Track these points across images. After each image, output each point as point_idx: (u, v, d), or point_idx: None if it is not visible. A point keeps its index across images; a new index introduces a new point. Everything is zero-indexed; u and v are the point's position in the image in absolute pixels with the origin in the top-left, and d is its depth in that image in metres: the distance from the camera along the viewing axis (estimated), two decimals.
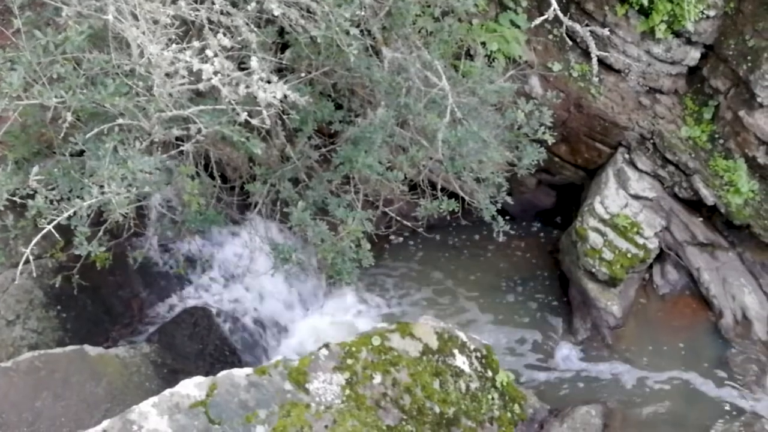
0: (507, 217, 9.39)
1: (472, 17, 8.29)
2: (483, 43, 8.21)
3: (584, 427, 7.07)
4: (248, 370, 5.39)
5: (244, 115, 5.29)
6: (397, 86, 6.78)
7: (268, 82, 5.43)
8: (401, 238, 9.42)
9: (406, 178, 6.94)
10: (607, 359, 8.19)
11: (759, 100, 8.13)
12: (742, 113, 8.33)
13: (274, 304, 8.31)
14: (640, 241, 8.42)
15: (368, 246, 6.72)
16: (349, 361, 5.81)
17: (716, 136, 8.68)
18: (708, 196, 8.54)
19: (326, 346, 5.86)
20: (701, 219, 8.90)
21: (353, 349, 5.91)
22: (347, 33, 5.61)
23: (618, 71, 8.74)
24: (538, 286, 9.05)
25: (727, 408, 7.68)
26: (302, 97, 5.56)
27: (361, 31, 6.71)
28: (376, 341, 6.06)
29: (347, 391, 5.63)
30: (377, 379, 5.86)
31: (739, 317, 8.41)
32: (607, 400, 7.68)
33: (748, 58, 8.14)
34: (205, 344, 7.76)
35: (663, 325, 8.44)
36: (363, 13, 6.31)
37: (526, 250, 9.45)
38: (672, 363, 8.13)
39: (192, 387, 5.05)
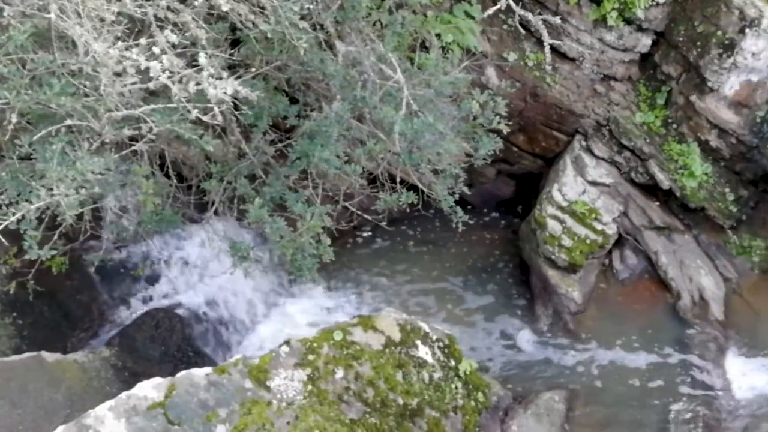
0: (468, 208, 9.50)
1: (427, 9, 8.29)
2: (438, 35, 8.23)
3: (548, 413, 7.16)
4: (208, 369, 5.35)
5: (195, 113, 5.23)
6: (351, 80, 6.76)
7: (219, 78, 5.39)
8: (365, 232, 9.41)
9: (364, 171, 6.93)
10: (570, 344, 8.29)
11: (709, 84, 8.27)
12: (693, 98, 8.48)
13: (237, 302, 8.25)
14: (599, 227, 8.53)
15: (328, 241, 6.70)
16: (311, 357, 5.80)
17: (670, 120, 8.81)
18: (663, 180, 8.69)
19: (287, 342, 5.84)
20: (658, 203, 9.05)
21: (314, 344, 5.90)
22: (297, 27, 5.57)
23: (572, 59, 8.82)
24: (499, 275, 9.12)
25: (687, 387, 7.83)
26: (256, 92, 5.52)
27: (314, 25, 6.70)
28: (337, 336, 6.06)
29: (309, 387, 5.62)
30: (339, 373, 5.86)
31: (696, 298, 8.57)
32: (570, 385, 7.80)
33: (698, 43, 8.27)
34: (168, 346, 7.68)
35: (623, 309, 8.57)
36: (313, 7, 6.28)
37: (487, 240, 9.52)
38: (633, 345, 8.26)
39: (150, 389, 5.00)
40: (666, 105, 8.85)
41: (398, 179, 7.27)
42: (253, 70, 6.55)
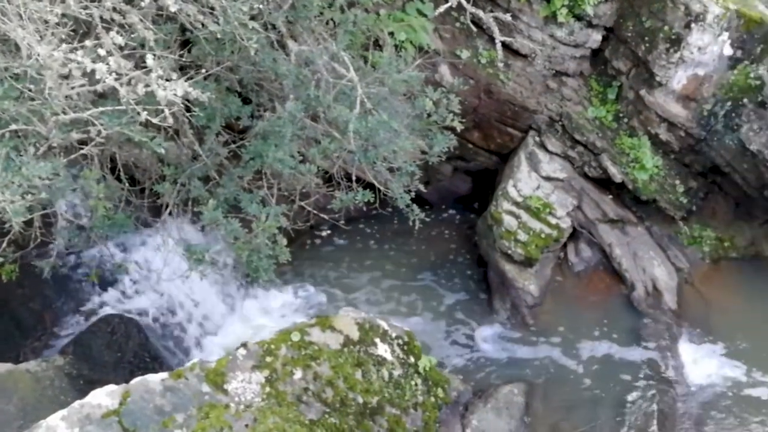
0: (426, 206, 9.56)
1: (379, 7, 8.31)
2: (391, 33, 8.24)
3: (507, 406, 7.23)
4: (163, 374, 5.28)
5: (144, 115, 5.16)
6: (305, 79, 6.73)
7: (169, 79, 5.32)
8: (323, 232, 9.39)
9: (319, 170, 6.91)
10: (528, 337, 8.40)
11: (658, 79, 8.44)
12: (643, 92, 8.65)
13: (194, 305, 8.15)
14: (553, 221, 8.65)
15: (285, 241, 6.67)
16: (268, 359, 5.76)
17: (621, 115, 8.98)
18: (616, 174, 8.85)
19: (244, 345, 5.80)
20: (611, 196, 9.22)
21: (272, 346, 5.86)
22: (246, 27, 5.53)
23: (525, 56, 8.92)
24: (458, 271, 9.18)
25: (643, 377, 7.98)
26: (207, 93, 5.46)
27: (265, 24, 6.65)
28: (295, 337, 6.03)
29: (267, 389, 5.59)
30: (298, 374, 5.83)
31: (650, 289, 8.75)
32: (529, 378, 7.89)
33: (646, 38, 8.43)
34: (124, 352, 7.55)
35: (579, 301, 8.71)
36: (264, 6, 6.24)
37: (445, 237, 9.58)
38: (589, 337, 8.40)
39: (104, 396, 4.92)
40: (617, 100, 9.01)
41: (354, 178, 7.27)
42: (204, 71, 6.48)
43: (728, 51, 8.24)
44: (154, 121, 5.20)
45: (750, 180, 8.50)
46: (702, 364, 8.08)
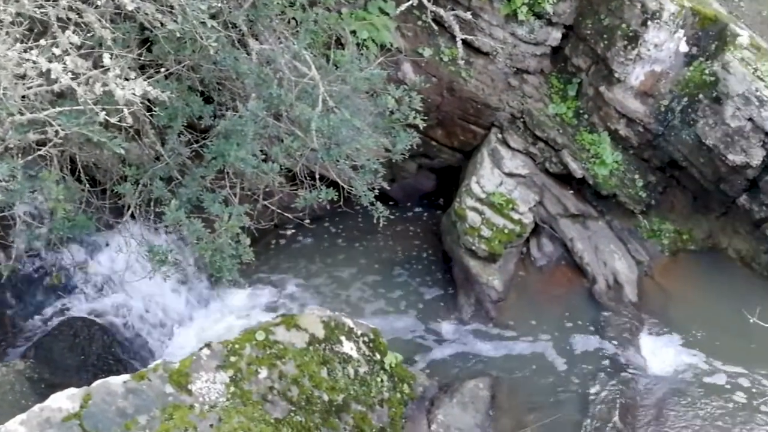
0: (391, 203, 9.58)
1: (341, 6, 8.32)
2: (353, 32, 8.26)
3: (473, 400, 7.31)
4: (126, 376, 5.24)
5: (102, 115, 5.11)
6: (266, 78, 6.72)
7: (127, 79, 5.28)
8: (288, 231, 9.37)
9: (282, 169, 6.91)
10: (492, 332, 8.48)
11: (616, 75, 8.58)
12: (602, 89, 8.79)
13: (158, 307, 8.10)
14: (516, 216, 8.75)
15: (248, 241, 6.66)
16: (233, 359, 5.75)
17: (581, 111, 9.11)
18: (576, 170, 8.98)
19: (208, 345, 5.78)
20: (572, 191, 9.36)
21: (236, 346, 5.85)
22: (206, 26, 5.51)
23: (486, 54, 9.00)
24: (423, 267, 9.24)
25: (605, 369, 8.11)
26: (168, 92, 5.43)
27: (226, 23, 6.63)
28: (260, 336, 6.03)
29: (232, 389, 5.58)
30: (263, 373, 5.83)
31: (611, 282, 8.90)
32: (494, 372, 7.97)
33: (605, 36, 8.56)
34: (87, 355, 7.47)
35: (542, 295, 8.82)
36: (224, 5, 6.22)
37: (410, 233, 9.63)
38: (553, 330, 8.51)
39: (64, 400, 4.86)
40: (577, 96, 9.14)
41: (318, 176, 7.28)
42: (165, 70, 6.43)
43: (684, 48, 8.41)
44: (113, 121, 5.15)
45: (706, 174, 8.69)
46: (662, 355, 8.24)
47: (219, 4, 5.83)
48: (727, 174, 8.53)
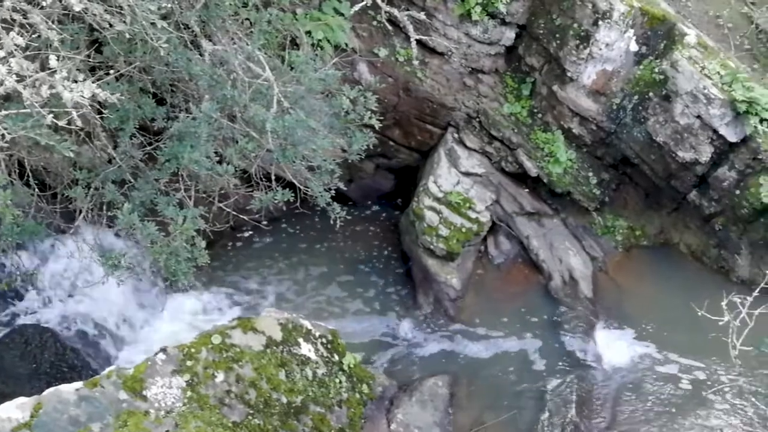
0: (349, 203, 9.59)
1: (296, 7, 8.29)
2: (308, 32, 8.24)
3: (432, 398, 7.35)
4: (78, 384, 5.15)
5: (50, 117, 5.01)
6: (219, 79, 6.66)
7: (75, 81, 5.19)
8: (245, 233, 9.30)
9: (237, 170, 6.85)
10: (451, 330, 8.54)
11: (569, 74, 8.71)
12: (555, 88, 8.91)
13: (113, 312, 7.96)
14: (473, 215, 8.83)
15: (203, 244, 6.58)
16: (189, 363, 5.69)
17: (535, 110, 9.22)
18: (531, 168, 9.10)
19: (163, 350, 5.70)
20: (527, 190, 9.47)
21: (192, 350, 5.79)
22: (155, 26, 5.44)
23: (441, 54, 9.05)
24: (382, 267, 9.26)
25: (562, 364, 8.24)
26: (118, 95, 5.34)
27: (178, 24, 6.55)
28: (216, 340, 5.97)
29: (188, 393, 5.52)
30: (220, 377, 5.78)
31: (566, 278, 9.03)
32: (454, 370, 8.03)
33: (557, 35, 8.68)
34: (39, 363, 7.32)
35: (500, 293, 8.92)
36: (175, 6, 6.15)
37: (369, 234, 9.64)
38: (510, 327, 8.61)
39: (14, 409, 4.76)
40: (531, 96, 9.25)
41: (273, 177, 7.24)
42: (116, 71, 6.33)
43: (634, 47, 8.57)
44: (62, 123, 5.06)
45: (658, 171, 8.88)
46: (616, 348, 8.40)
47: (169, 5, 5.75)
48: (677, 170, 8.72)
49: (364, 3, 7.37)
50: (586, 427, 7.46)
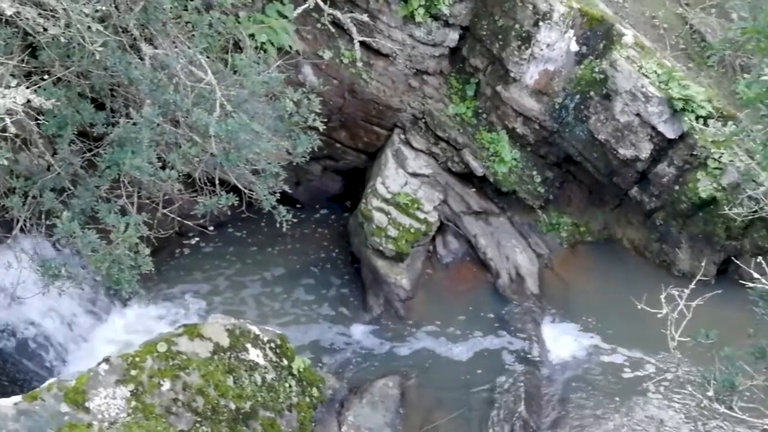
0: (297, 206, 9.55)
1: (239, 9, 8.22)
2: (251, 35, 8.18)
3: (383, 399, 7.37)
4: (16, 398, 5.01)
5: None
6: (161, 83, 6.56)
7: (8, 86, 5.05)
8: (192, 239, 9.17)
9: (181, 175, 6.75)
10: (401, 331, 8.57)
11: (512, 75, 8.84)
12: (499, 88, 9.03)
13: (55, 323, 7.76)
14: (421, 215, 8.89)
15: (147, 251, 6.47)
16: (134, 372, 5.59)
17: (480, 111, 9.34)
18: (477, 168, 9.20)
19: (106, 360, 5.60)
20: (474, 189, 9.58)
21: (137, 359, 5.69)
22: (90, 30, 5.33)
23: (386, 56, 9.09)
24: (331, 270, 9.24)
25: (511, 360, 8.35)
26: (53, 100, 5.23)
27: (116, 28, 6.43)
28: (162, 348, 5.88)
29: (133, 403, 5.43)
30: (166, 385, 5.70)
31: (513, 275, 9.16)
32: (404, 370, 8.06)
33: (500, 36, 8.80)
34: None
35: (449, 292, 8.99)
36: (110, 9, 6.04)
37: (317, 236, 9.61)
38: (460, 326, 8.68)
39: None
40: (476, 96, 9.36)
41: (218, 181, 7.17)
42: (52, 76, 6.19)
43: (574, 47, 8.75)
44: None
45: (600, 168, 9.07)
46: (562, 342, 8.56)
47: (104, 8, 5.63)
48: (618, 167, 8.93)
49: (306, 5, 7.35)
50: (535, 422, 7.58)
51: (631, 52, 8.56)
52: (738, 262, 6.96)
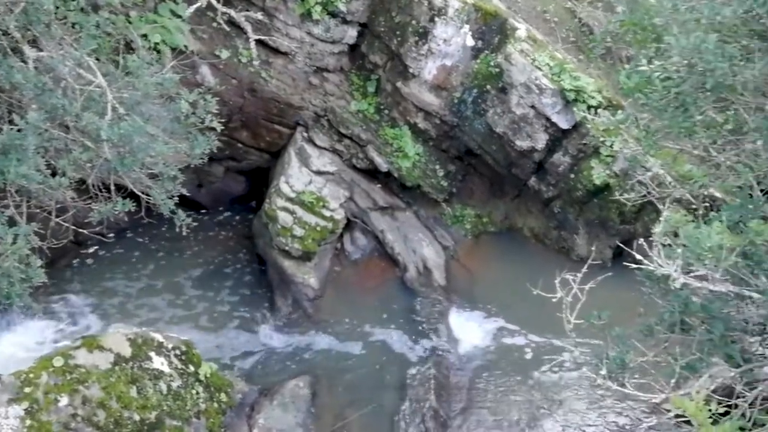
0: (200, 209, 9.37)
1: (130, 9, 7.98)
2: (144, 35, 7.96)
3: (294, 400, 7.33)
4: None
5: None
6: (46, 87, 6.30)
7: None
8: (90, 248, 8.83)
9: (73, 182, 6.50)
10: (311, 330, 8.55)
11: (411, 71, 8.96)
12: (399, 84, 9.13)
13: None
14: (327, 213, 8.88)
15: (39, 262, 6.19)
16: (27, 390, 5.36)
17: (382, 107, 9.41)
18: (382, 164, 9.28)
19: None
20: (380, 185, 9.65)
21: (31, 375, 5.46)
22: None
23: (285, 54, 9.03)
24: (237, 272, 9.11)
25: (420, 352, 8.47)
26: None
27: None
28: (58, 362, 5.66)
29: (28, 422, 5.20)
30: (64, 401, 5.49)
31: (421, 269, 9.29)
32: (315, 369, 8.04)
33: (397, 33, 8.89)
34: None
35: (358, 289, 9.03)
36: None
37: (222, 239, 9.45)
38: (369, 321, 8.74)
39: None
40: (377, 92, 9.43)
41: (113, 187, 6.94)
42: None
43: (470, 42, 8.93)
44: None
45: (499, 160, 9.31)
46: (469, 330, 8.76)
47: None
48: (516, 159, 9.19)
49: (199, 4, 7.21)
50: (445, 411, 7.71)
51: (524, 46, 8.82)
52: (623, 246, 7.28)
